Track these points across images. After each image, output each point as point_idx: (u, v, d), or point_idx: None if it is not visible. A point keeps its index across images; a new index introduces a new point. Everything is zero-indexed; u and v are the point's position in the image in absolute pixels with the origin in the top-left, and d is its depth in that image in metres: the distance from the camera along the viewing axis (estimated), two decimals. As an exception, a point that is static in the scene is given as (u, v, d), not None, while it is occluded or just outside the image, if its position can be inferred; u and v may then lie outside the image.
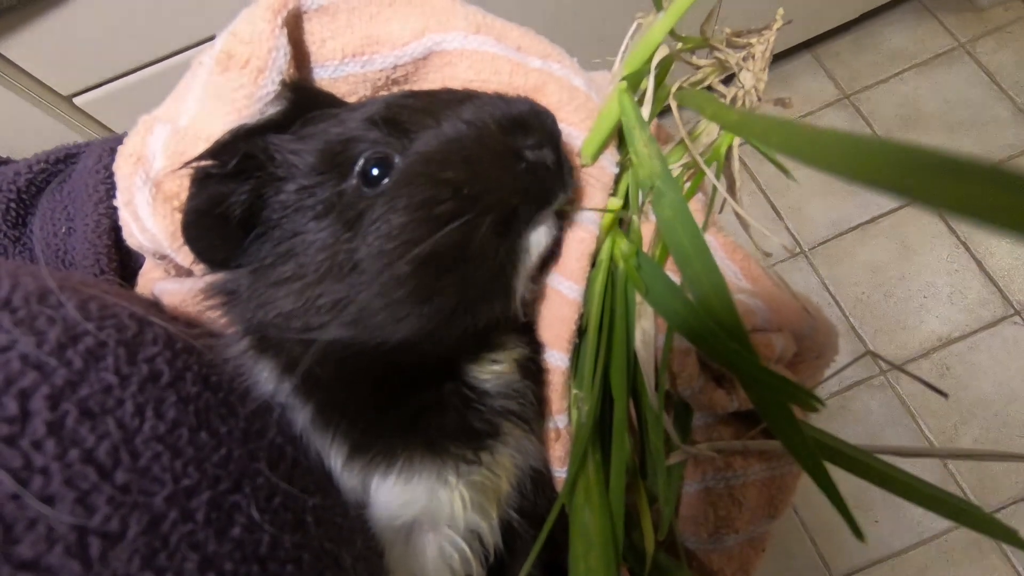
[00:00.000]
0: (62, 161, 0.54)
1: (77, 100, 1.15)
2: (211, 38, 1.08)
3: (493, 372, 0.43)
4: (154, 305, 0.44)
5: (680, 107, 0.43)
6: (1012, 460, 0.35)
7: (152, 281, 0.48)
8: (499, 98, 0.41)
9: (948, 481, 1.49)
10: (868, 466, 0.36)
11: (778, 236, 1.72)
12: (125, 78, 1.13)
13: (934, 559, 1.45)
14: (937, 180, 0.16)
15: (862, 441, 0.37)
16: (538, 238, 0.41)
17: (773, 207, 1.75)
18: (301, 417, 0.40)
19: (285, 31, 0.41)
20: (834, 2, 1.77)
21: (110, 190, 0.48)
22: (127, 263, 0.50)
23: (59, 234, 0.50)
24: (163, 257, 0.44)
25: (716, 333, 0.34)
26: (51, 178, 0.54)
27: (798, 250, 1.72)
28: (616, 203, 0.42)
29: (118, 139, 0.52)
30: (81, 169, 0.51)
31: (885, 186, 0.17)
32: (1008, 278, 1.63)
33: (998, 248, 1.66)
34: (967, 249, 1.68)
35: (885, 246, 1.69)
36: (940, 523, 1.42)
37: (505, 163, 0.39)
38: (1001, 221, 0.14)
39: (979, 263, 1.66)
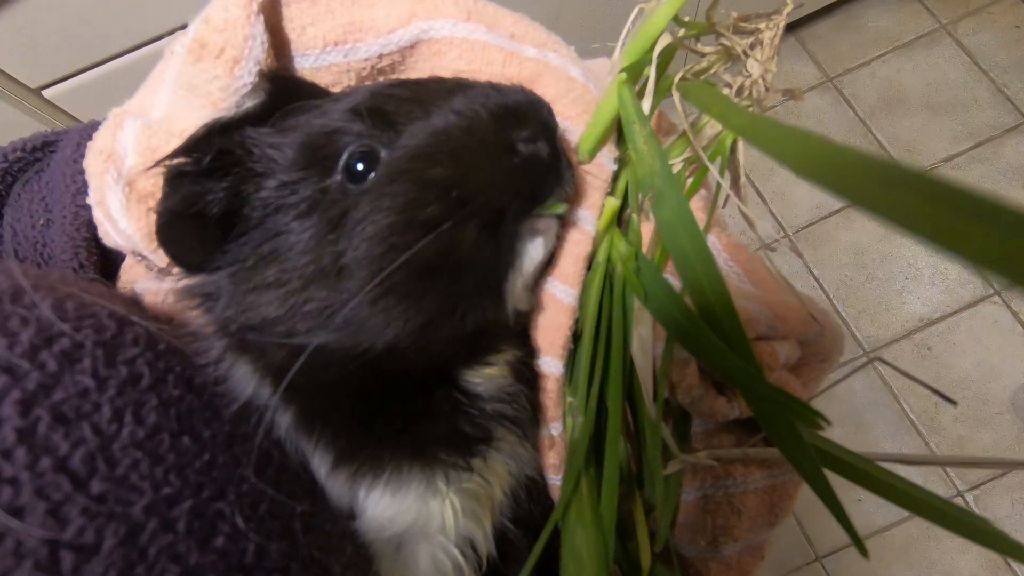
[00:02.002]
0: (39, 149, 0.52)
1: (46, 93, 1.11)
2: (184, 27, 1.05)
3: (486, 375, 0.42)
4: (136, 304, 0.42)
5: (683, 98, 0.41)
6: (1014, 468, 0.34)
7: (134, 277, 0.45)
8: (492, 87, 0.39)
9: (929, 459, 1.52)
10: (869, 475, 0.35)
11: (763, 220, 1.72)
12: (96, 69, 1.10)
13: (916, 535, 1.49)
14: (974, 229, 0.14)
15: (845, 422, 0.36)
16: (535, 249, 0.39)
17: (758, 192, 1.75)
18: (283, 421, 0.38)
19: (262, 18, 0.39)
20: (817, -16, 1.77)
21: None
22: (108, 256, 0.48)
23: (37, 226, 0.48)
24: (142, 256, 0.42)
25: (717, 345, 0.33)
26: (28, 167, 0.51)
27: (782, 234, 1.72)
28: (614, 203, 0.40)
29: (98, 126, 0.49)
30: (59, 158, 0.49)
31: (909, 226, 0.16)
32: (987, 259, 1.66)
33: (978, 229, 1.69)
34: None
35: (867, 229, 1.70)
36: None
37: (496, 157, 0.37)
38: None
39: (959, 244, 1.68)
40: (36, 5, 0.96)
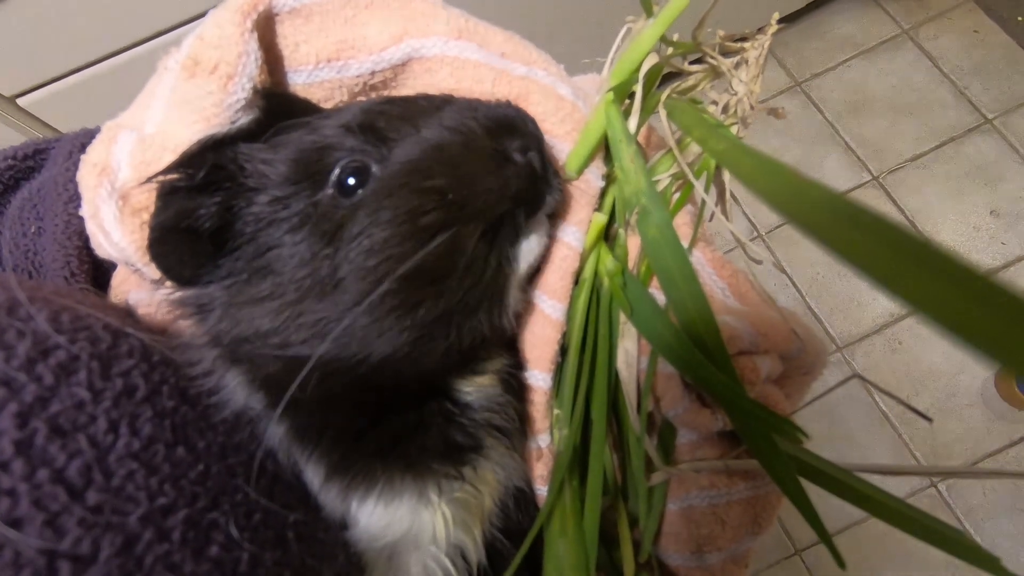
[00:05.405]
0: (31, 157, 0.51)
1: (22, 101, 1.08)
2: (161, 34, 1.04)
3: (476, 384, 0.42)
4: (130, 315, 0.42)
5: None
6: (996, 478, 0.36)
7: (126, 287, 0.45)
8: (479, 102, 0.40)
9: (902, 450, 1.55)
10: (849, 486, 0.36)
11: (736, 221, 1.75)
12: (72, 76, 1.07)
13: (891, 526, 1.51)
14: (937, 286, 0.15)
15: (821, 417, 0.37)
16: (529, 247, 0.40)
17: (730, 192, 1.77)
18: (276, 433, 0.38)
19: (256, 35, 0.39)
20: (783, -8, 1.80)
21: None
22: (100, 264, 0.48)
23: (28, 234, 0.48)
24: (135, 268, 0.42)
25: (700, 360, 0.34)
26: (19, 175, 0.51)
27: (755, 234, 1.75)
28: (601, 219, 0.41)
29: (91, 134, 0.49)
30: (51, 166, 0.49)
31: (863, 266, 0.17)
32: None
33: (944, 226, 1.73)
34: (915, 227, 1.74)
35: (838, 228, 1.73)
36: (897, 492, 1.49)
37: (493, 166, 0.38)
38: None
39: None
40: (10, 11, 0.94)
